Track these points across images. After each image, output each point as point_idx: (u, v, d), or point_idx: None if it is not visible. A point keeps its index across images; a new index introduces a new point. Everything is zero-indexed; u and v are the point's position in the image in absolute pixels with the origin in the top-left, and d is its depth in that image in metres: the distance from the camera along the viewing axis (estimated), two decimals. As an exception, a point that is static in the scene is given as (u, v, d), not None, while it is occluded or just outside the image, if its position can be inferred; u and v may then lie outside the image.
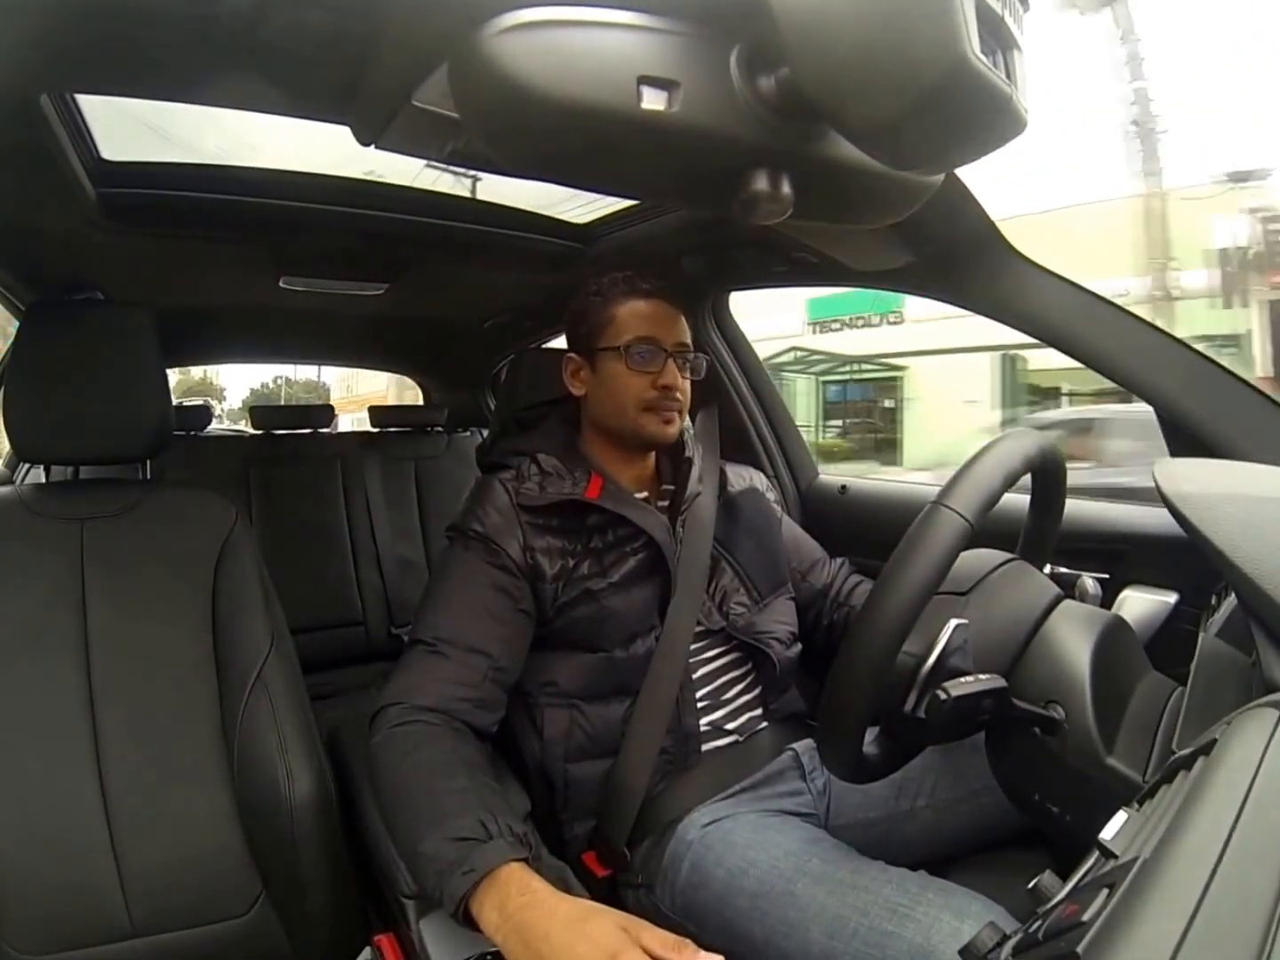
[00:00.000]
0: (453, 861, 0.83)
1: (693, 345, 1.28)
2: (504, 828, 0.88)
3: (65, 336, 1.21)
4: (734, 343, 1.90)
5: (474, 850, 0.84)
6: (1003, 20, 0.60)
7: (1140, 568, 1.22)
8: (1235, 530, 0.69)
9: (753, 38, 0.65)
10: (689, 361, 1.26)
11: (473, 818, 0.88)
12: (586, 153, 0.69)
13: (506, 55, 0.59)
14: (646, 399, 1.22)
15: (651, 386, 1.21)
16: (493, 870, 0.82)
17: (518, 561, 1.16)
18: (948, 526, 0.78)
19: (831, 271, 1.42)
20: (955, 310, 1.33)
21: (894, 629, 0.77)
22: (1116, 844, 0.51)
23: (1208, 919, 0.37)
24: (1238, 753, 0.49)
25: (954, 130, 0.63)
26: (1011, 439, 0.90)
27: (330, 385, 22.99)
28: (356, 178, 1.45)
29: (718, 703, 1.25)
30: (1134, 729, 0.81)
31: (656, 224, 1.52)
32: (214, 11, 0.66)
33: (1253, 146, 14.66)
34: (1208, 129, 12.29)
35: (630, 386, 1.22)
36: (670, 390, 1.22)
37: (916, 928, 0.86)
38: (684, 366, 1.25)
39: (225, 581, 1.23)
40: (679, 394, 1.23)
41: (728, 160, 0.70)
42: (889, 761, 0.89)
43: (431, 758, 0.99)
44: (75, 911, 1.07)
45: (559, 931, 0.76)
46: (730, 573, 1.32)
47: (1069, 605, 0.92)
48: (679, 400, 1.23)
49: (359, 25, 0.68)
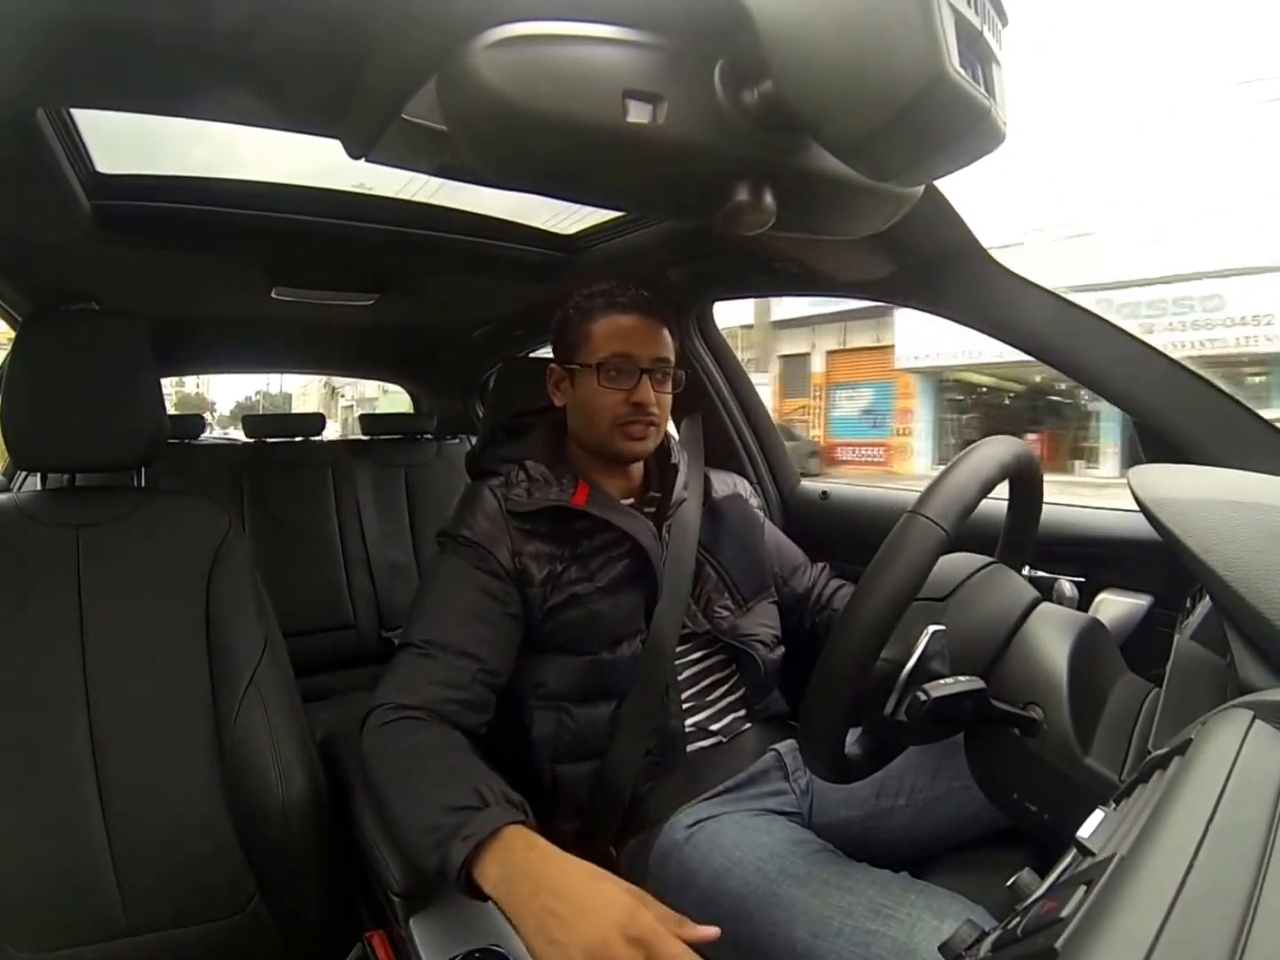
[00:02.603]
0: (452, 829, 0.84)
1: (677, 356, 1.28)
2: (500, 795, 0.89)
3: (61, 346, 1.21)
4: (718, 351, 1.91)
5: (473, 816, 0.85)
6: (981, 35, 0.61)
7: (1116, 571, 1.24)
8: (1209, 534, 0.70)
9: (736, 52, 0.66)
10: (667, 376, 1.26)
11: (468, 787, 0.89)
12: (572, 165, 0.70)
13: (494, 69, 0.60)
14: (619, 415, 1.22)
15: (625, 403, 1.22)
16: (495, 831, 0.83)
17: (506, 566, 1.17)
18: (924, 537, 0.79)
19: (815, 281, 1.43)
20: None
21: (871, 638, 0.78)
22: (1094, 842, 0.51)
23: (1184, 914, 0.37)
24: (1212, 752, 0.50)
25: (934, 142, 0.64)
26: (988, 446, 0.90)
27: (292, 395, 24.55)
28: (347, 190, 1.46)
29: (702, 704, 1.26)
30: (1111, 729, 0.82)
31: (642, 235, 1.53)
32: (207, 28, 0.67)
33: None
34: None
35: (603, 404, 1.23)
36: (643, 407, 1.22)
37: (899, 927, 0.87)
38: (662, 381, 1.25)
39: (219, 586, 1.23)
40: (653, 409, 1.23)
41: (711, 172, 0.71)
42: (870, 762, 0.90)
43: (422, 742, 1.00)
44: (72, 910, 1.07)
45: (570, 883, 0.77)
46: (714, 577, 1.33)
47: (1047, 608, 0.93)
48: (653, 415, 1.24)
49: (350, 41, 0.69)
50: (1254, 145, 10.92)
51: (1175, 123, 11.80)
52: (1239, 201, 10.90)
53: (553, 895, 0.76)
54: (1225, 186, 11.07)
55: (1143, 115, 12.01)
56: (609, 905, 0.75)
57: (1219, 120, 11.45)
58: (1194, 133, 11.56)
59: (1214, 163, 11.23)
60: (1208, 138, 11.46)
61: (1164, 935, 0.36)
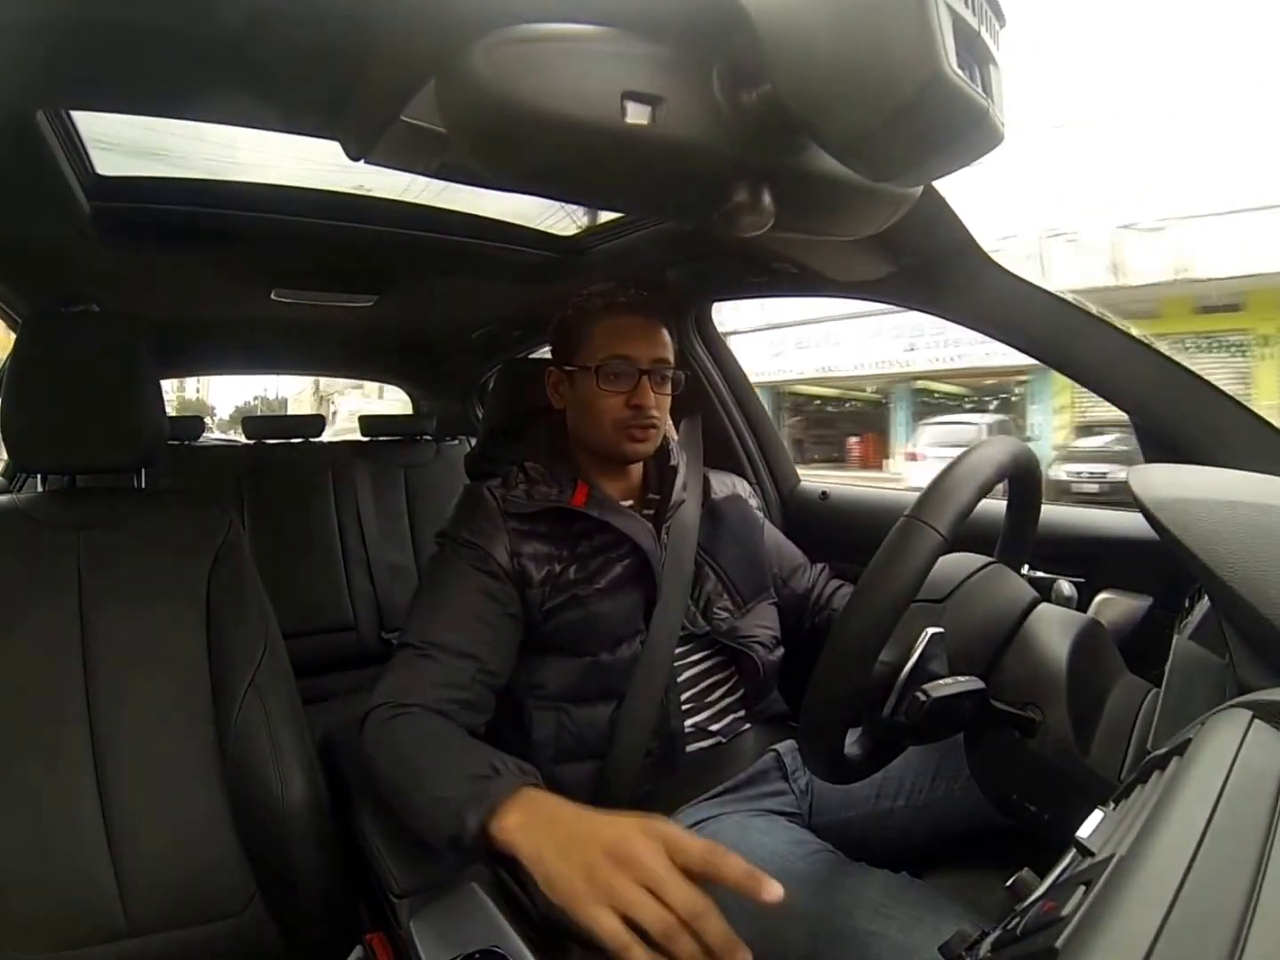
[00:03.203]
0: (470, 795, 0.86)
1: (676, 357, 1.28)
2: (513, 765, 0.91)
3: (61, 348, 1.21)
4: (717, 352, 1.91)
5: (489, 783, 0.87)
6: (979, 35, 0.61)
7: (1115, 571, 1.23)
8: (1208, 534, 0.70)
9: (734, 53, 0.65)
10: (667, 377, 1.26)
11: (482, 759, 0.91)
12: (571, 167, 0.70)
13: (493, 71, 0.60)
14: (619, 418, 1.22)
15: (625, 406, 1.22)
16: (515, 791, 0.85)
17: (505, 567, 1.17)
18: (921, 541, 0.79)
19: (813, 282, 1.42)
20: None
21: (869, 643, 0.78)
22: (1093, 842, 0.51)
23: (1183, 913, 0.37)
24: (1211, 752, 0.50)
25: (931, 143, 0.64)
26: (985, 447, 0.90)
27: (288, 400, 24.94)
28: (347, 192, 1.46)
29: (702, 705, 1.26)
30: (1110, 730, 0.82)
31: (641, 236, 1.53)
32: (206, 30, 0.67)
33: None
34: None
35: (603, 406, 1.23)
36: (643, 410, 1.22)
37: (898, 927, 0.87)
38: (662, 383, 1.25)
39: (219, 588, 1.23)
40: (653, 411, 1.23)
41: (710, 173, 0.71)
42: (870, 762, 0.90)
43: (429, 731, 1.02)
44: (72, 911, 1.07)
45: (592, 816, 0.80)
46: (714, 578, 1.33)
47: (1046, 608, 0.93)
48: (653, 417, 1.24)
49: (349, 42, 0.69)
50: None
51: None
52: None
53: (573, 822, 0.79)
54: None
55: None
56: (608, 829, 0.76)
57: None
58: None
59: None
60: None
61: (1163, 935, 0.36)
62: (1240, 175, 11.18)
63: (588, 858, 0.73)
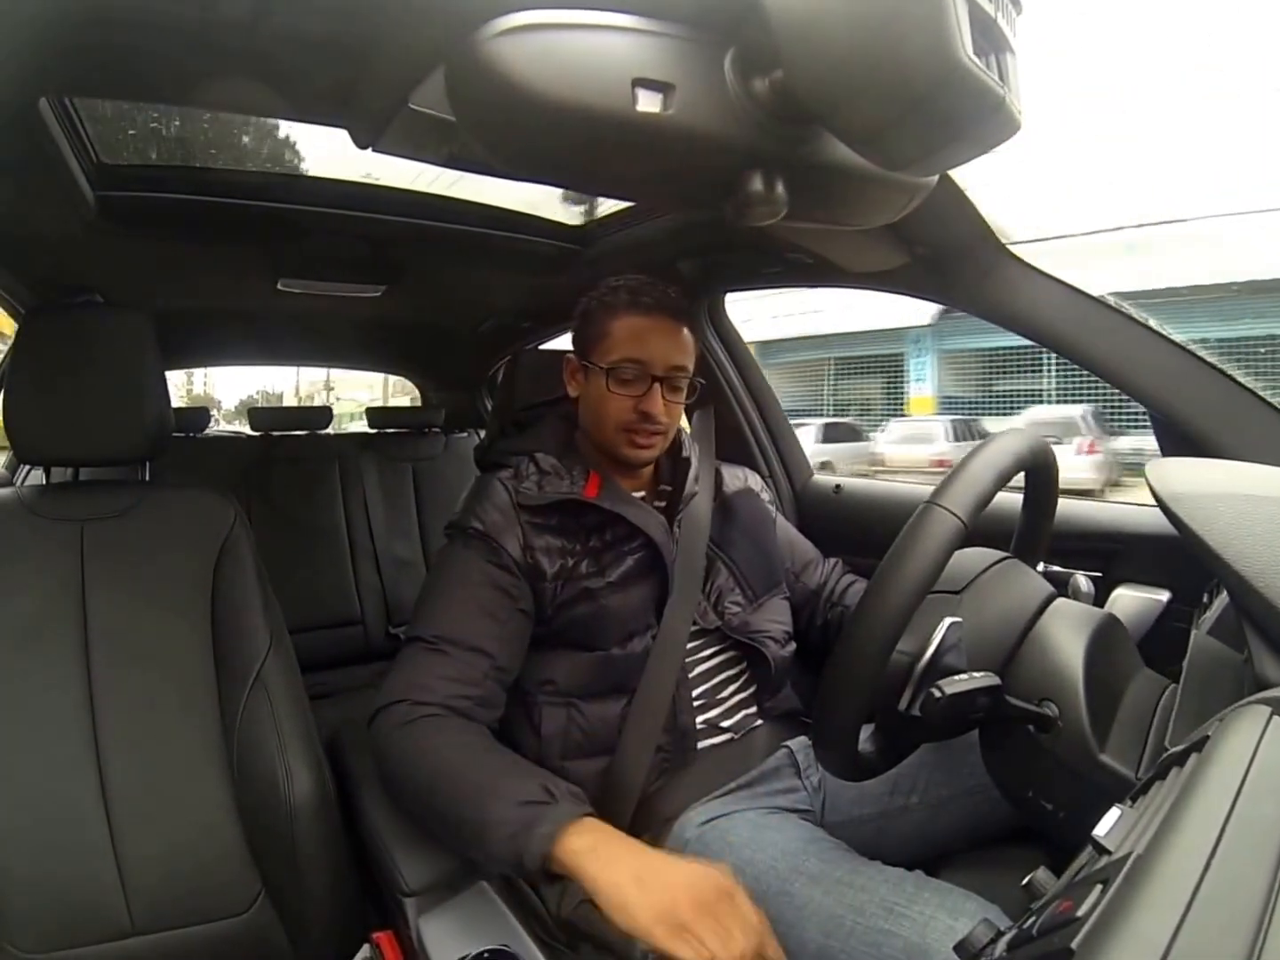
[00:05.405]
0: (527, 822, 0.88)
1: (696, 362, 1.26)
2: (565, 790, 0.94)
3: (65, 339, 1.20)
4: (730, 344, 1.90)
5: (547, 810, 0.90)
6: (995, 22, 0.60)
7: (1133, 566, 1.23)
8: (1227, 529, 0.69)
9: (747, 40, 0.65)
10: (681, 386, 1.24)
11: (535, 783, 0.94)
12: (581, 155, 0.69)
13: (502, 58, 0.59)
14: (625, 421, 1.21)
15: (632, 410, 1.20)
16: (572, 820, 0.88)
17: (517, 560, 1.17)
18: (941, 526, 0.78)
19: (827, 273, 1.42)
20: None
21: (888, 628, 0.78)
22: (1110, 840, 0.51)
23: (1201, 913, 0.37)
24: (1230, 749, 0.49)
25: (947, 132, 0.63)
26: (1004, 438, 0.90)
27: (282, 395, 25.21)
28: (354, 180, 1.45)
29: (713, 701, 1.25)
30: (1127, 726, 0.81)
31: (652, 226, 1.52)
32: (212, 17, 0.66)
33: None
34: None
35: (611, 408, 1.21)
36: (650, 416, 1.20)
37: (912, 926, 0.86)
38: (675, 390, 1.23)
39: (224, 581, 1.23)
40: (660, 419, 1.21)
41: (722, 162, 0.71)
42: (884, 759, 0.90)
43: (462, 740, 1.03)
44: (76, 910, 1.07)
45: (652, 858, 0.86)
46: (725, 573, 1.32)
47: (1062, 604, 0.92)
48: (660, 424, 1.21)
49: (356, 30, 0.68)
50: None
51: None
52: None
53: (634, 863, 0.84)
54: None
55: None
56: (685, 873, 0.83)
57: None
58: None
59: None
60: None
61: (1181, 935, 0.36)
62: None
63: (670, 894, 0.80)
